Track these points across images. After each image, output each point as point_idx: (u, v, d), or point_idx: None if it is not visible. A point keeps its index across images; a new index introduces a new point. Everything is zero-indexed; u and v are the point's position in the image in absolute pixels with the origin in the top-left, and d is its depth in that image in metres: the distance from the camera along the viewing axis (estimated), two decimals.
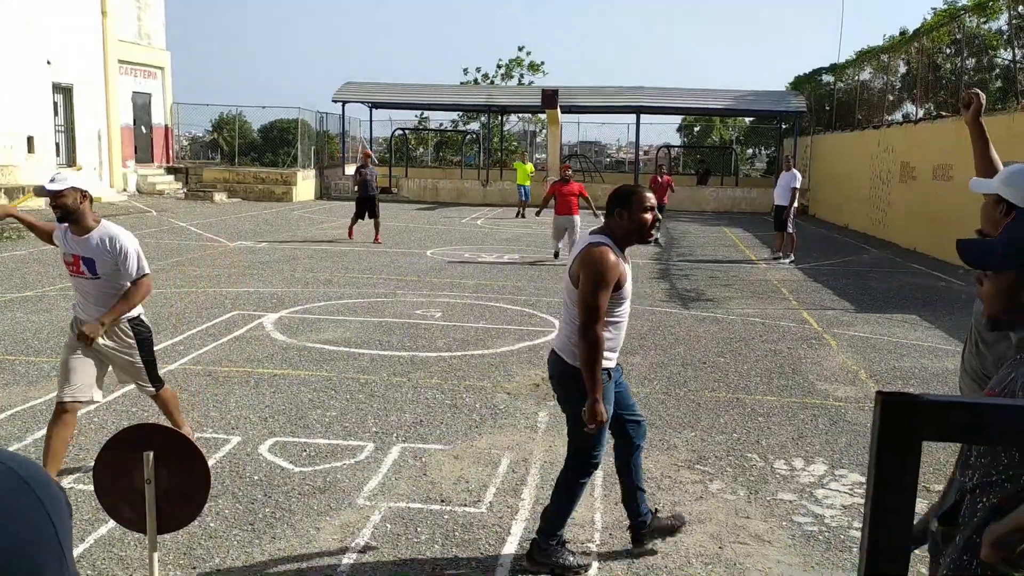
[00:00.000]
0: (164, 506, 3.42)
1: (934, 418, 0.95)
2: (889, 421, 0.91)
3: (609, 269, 3.71)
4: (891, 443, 0.90)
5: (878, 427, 0.90)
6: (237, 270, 12.73)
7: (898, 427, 0.91)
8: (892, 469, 0.91)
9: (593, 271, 3.70)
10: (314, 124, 33.42)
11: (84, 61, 24.70)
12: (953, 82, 19.94)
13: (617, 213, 3.84)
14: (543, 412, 6.35)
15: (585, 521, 4.54)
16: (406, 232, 19.50)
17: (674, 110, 35.04)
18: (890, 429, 0.91)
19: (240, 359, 7.57)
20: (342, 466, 5.17)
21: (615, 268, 3.73)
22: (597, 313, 3.69)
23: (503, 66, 45.11)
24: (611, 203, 3.88)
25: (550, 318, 9.77)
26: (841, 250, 18.51)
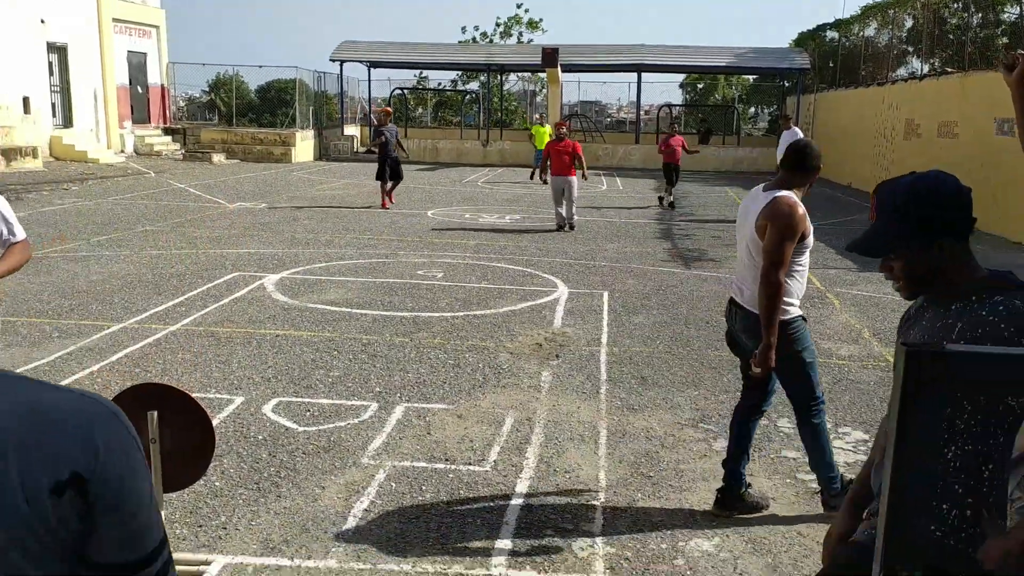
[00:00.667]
0: (169, 465, 3.41)
1: (960, 370, 0.92)
2: (914, 373, 0.88)
3: (799, 220, 3.85)
4: (916, 396, 0.87)
5: (902, 380, 0.86)
6: (237, 231, 12.67)
7: (923, 379, 0.88)
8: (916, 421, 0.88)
9: (784, 222, 3.82)
10: (312, 84, 33.08)
11: (78, 19, 24.40)
12: (959, 38, 19.69)
13: (800, 167, 4.00)
14: (546, 372, 6.34)
15: (589, 479, 4.54)
16: (406, 192, 19.38)
17: (676, 68, 34.66)
18: (915, 381, 0.88)
19: (242, 320, 7.55)
20: (346, 426, 5.17)
21: (804, 219, 3.88)
22: (782, 261, 3.81)
23: (502, 24, 44.62)
24: (791, 158, 4.03)
25: (552, 278, 9.74)
26: (844, 209, 18.42)
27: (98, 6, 25.24)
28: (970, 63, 17.56)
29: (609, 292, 9.10)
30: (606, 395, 5.88)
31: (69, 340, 6.77)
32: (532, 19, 44.70)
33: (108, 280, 8.95)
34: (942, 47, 20.87)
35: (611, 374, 6.34)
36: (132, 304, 8.01)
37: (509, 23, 44.50)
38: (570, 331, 7.50)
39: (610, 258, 11.28)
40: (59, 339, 6.80)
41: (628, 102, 41.25)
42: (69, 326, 7.20)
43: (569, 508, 4.22)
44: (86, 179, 19.31)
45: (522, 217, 15.46)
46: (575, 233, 13.52)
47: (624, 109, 47.33)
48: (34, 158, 20.86)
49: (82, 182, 18.79)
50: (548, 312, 8.17)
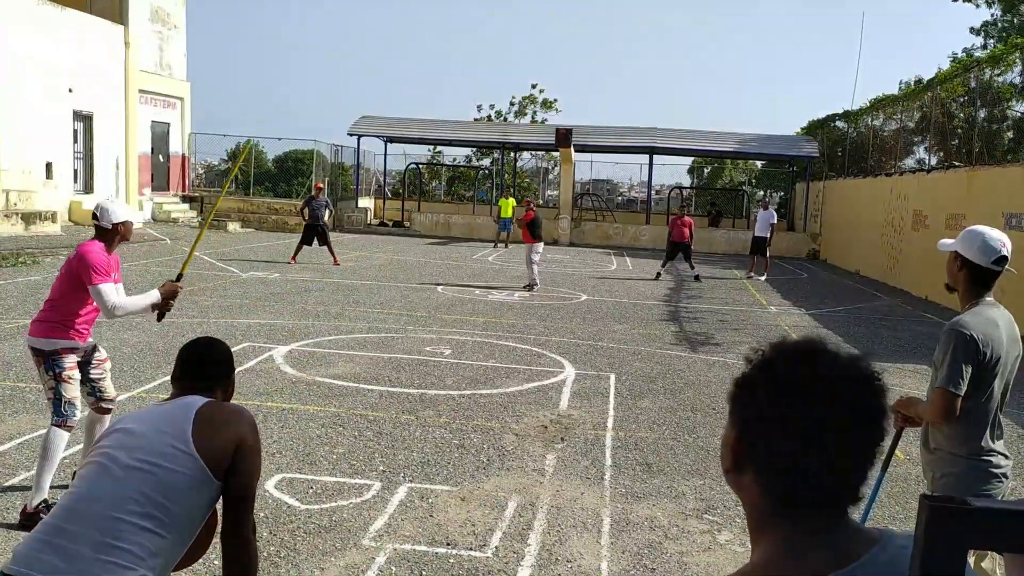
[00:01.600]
0: None
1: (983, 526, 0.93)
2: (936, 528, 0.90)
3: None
4: (938, 550, 0.89)
5: (924, 533, 0.89)
6: (249, 301, 12.78)
7: (945, 534, 0.90)
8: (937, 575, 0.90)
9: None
10: (329, 156, 33.75)
11: (105, 90, 25.08)
12: (966, 132, 20.01)
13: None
14: (551, 455, 6.32)
15: (591, 569, 4.50)
16: (417, 267, 19.56)
17: (688, 151, 35.23)
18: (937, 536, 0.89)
19: (250, 392, 7.57)
20: (348, 505, 5.15)
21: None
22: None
23: (516, 103, 45.57)
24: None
25: (559, 358, 9.76)
26: (852, 297, 18.47)
27: (126, 77, 25.97)
28: (977, 158, 17.81)
29: (616, 374, 9.11)
30: (610, 481, 5.85)
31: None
32: (547, 99, 45.70)
33: (119, 348, 9.00)
34: (949, 140, 21.21)
35: (616, 459, 6.31)
36: (142, 373, 8.06)
37: (524, 102, 45.47)
38: (576, 413, 7.49)
39: (617, 339, 11.31)
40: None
41: (639, 181, 41.80)
42: None
43: None
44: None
45: (531, 295, 15.56)
46: (583, 313, 13.59)
47: (635, 188, 47.94)
48: (53, 222, 21.20)
49: None
50: (555, 393, 8.17)
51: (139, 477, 2.46)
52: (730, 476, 1.25)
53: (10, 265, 15.22)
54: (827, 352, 1.20)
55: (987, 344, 3.23)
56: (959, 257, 3.37)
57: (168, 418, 2.62)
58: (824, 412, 1.14)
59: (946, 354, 3.24)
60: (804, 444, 1.14)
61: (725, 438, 1.26)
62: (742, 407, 1.23)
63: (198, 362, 2.85)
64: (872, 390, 1.18)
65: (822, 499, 1.17)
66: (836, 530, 1.17)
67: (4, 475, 5.35)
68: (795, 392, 1.16)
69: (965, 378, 3.21)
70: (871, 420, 1.17)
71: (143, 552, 2.38)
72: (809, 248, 29.40)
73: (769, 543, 1.19)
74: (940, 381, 3.24)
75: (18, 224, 20.17)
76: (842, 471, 1.16)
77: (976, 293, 3.37)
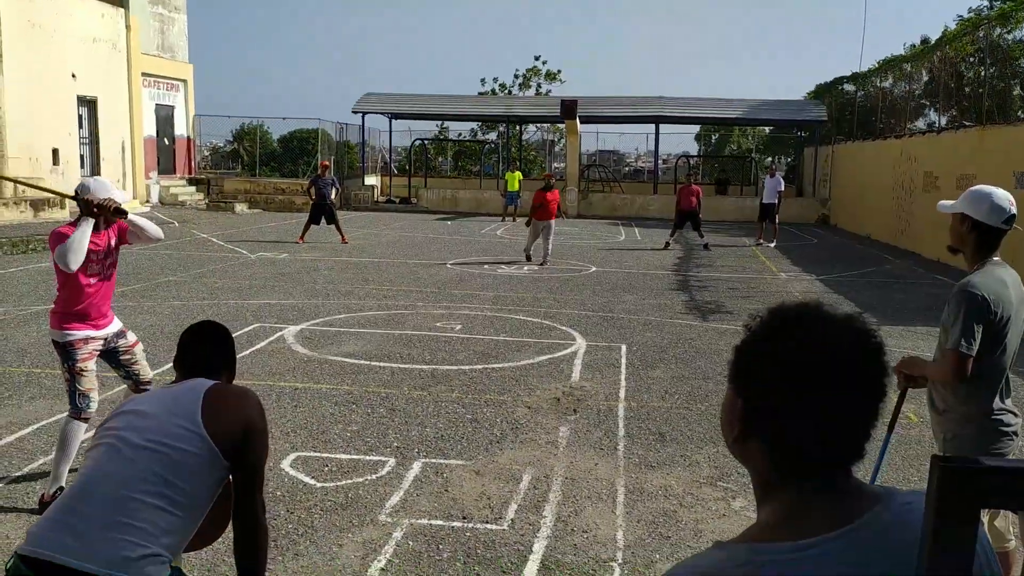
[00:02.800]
0: None
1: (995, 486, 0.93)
2: (948, 489, 0.89)
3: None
4: (950, 511, 0.88)
5: (936, 494, 0.88)
6: (258, 282, 12.81)
7: (958, 495, 0.89)
8: (950, 535, 0.89)
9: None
10: (334, 135, 33.66)
11: (109, 74, 25.02)
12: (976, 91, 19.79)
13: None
14: (564, 427, 6.34)
15: (607, 539, 4.52)
16: (425, 243, 19.54)
17: (694, 120, 34.97)
18: (949, 497, 0.89)
19: (262, 372, 7.61)
20: (364, 482, 5.18)
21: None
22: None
23: (520, 76, 45.30)
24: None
25: (570, 330, 9.76)
26: (863, 261, 18.38)
27: (128, 61, 25.90)
28: (987, 117, 17.62)
29: (627, 345, 9.11)
30: (624, 452, 5.87)
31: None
32: (550, 70, 45.40)
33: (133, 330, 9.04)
34: (959, 100, 20.97)
35: (629, 430, 6.33)
36: (154, 356, 8.08)
37: (528, 75, 45.19)
38: (588, 385, 7.50)
39: (628, 310, 11.30)
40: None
41: (646, 151, 41.60)
42: None
43: (587, 568, 4.19)
44: None
45: (540, 268, 15.54)
46: (593, 284, 13.57)
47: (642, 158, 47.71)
48: (61, 208, 21.24)
49: None
50: (566, 365, 8.18)
51: (150, 457, 2.50)
52: (736, 446, 1.25)
53: (20, 252, 15.28)
54: (824, 313, 1.20)
55: (998, 304, 3.22)
56: (967, 219, 3.34)
57: (177, 400, 2.65)
58: (824, 373, 1.14)
59: (957, 315, 3.23)
60: (806, 407, 1.15)
61: (727, 407, 1.26)
62: (743, 375, 1.22)
63: (200, 347, 2.88)
64: (870, 347, 1.18)
65: (826, 460, 1.17)
66: (841, 489, 1.17)
67: (22, 461, 5.40)
68: (795, 356, 1.16)
69: (977, 338, 3.20)
70: (871, 378, 1.17)
71: (155, 530, 2.41)
72: (819, 213, 29.22)
73: (774, 505, 1.20)
74: (952, 342, 3.23)
75: (27, 211, 20.24)
76: (845, 431, 1.16)
77: (984, 253, 3.35)
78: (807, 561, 1.10)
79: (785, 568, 1.10)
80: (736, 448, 1.25)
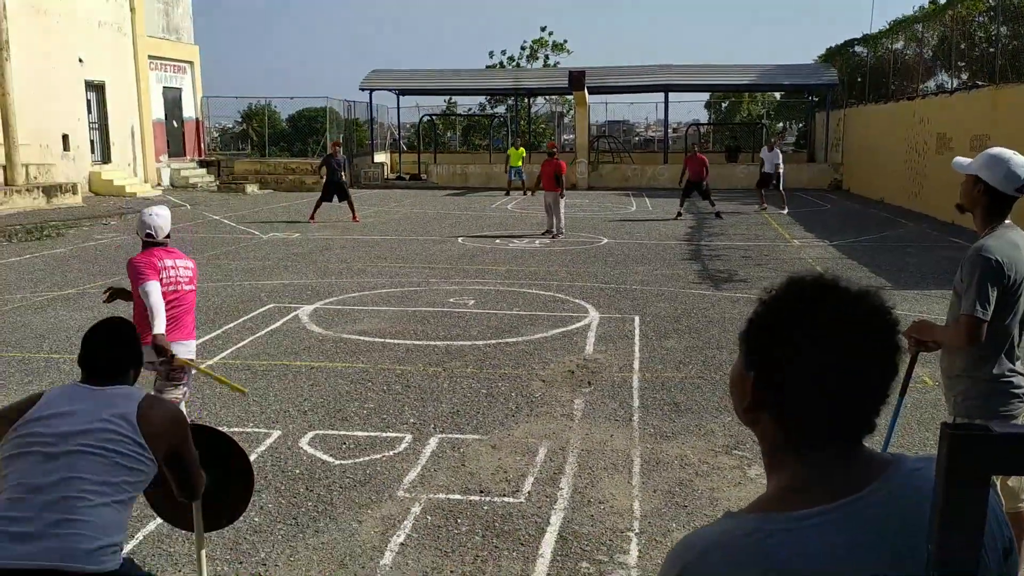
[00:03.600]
0: (209, 505, 3.49)
1: (1006, 452, 0.93)
2: (958, 456, 0.89)
3: None
4: (961, 478, 0.89)
5: (946, 461, 0.88)
6: (271, 262, 12.86)
7: (967, 462, 0.89)
8: (961, 502, 0.90)
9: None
10: (342, 112, 33.58)
11: (115, 58, 25.01)
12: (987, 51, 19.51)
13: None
14: (579, 399, 6.37)
15: (624, 509, 4.55)
16: (436, 219, 19.54)
17: (704, 87, 34.68)
18: (959, 464, 0.89)
19: (278, 352, 7.67)
20: (381, 458, 5.23)
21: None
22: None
23: (527, 48, 44.98)
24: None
25: (583, 303, 9.77)
26: (877, 225, 18.25)
27: (134, 44, 25.87)
28: (1001, 76, 17.38)
29: (640, 316, 9.11)
30: (639, 422, 5.89)
31: None
32: (557, 41, 45.08)
33: None
34: (971, 61, 20.69)
35: (644, 401, 6.35)
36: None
37: (535, 46, 44.86)
38: (602, 357, 7.52)
39: (640, 281, 11.29)
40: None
41: (656, 120, 41.26)
42: None
43: (604, 539, 4.23)
44: (124, 213, 19.72)
45: (552, 241, 15.52)
46: (604, 256, 13.56)
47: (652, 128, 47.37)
48: (74, 194, 21.35)
49: (120, 216, 19.18)
50: (580, 338, 8.20)
51: (89, 459, 2.63)
52: (746, 415, 1.25)
53: (35, 239, 15.39)
54: (839, 287, 1.20)
55: (1011, 267, 3.21)
56: (980, 181, 3.31)
57: (113, 404, 2.76)
58: (837, 348, 1.14)
59: (972, 279, 3.21)
60: (819, 380, 1.15)
61: (737, 376, 1.26)
62: (757, 345, 1.22)
63: (111, 350, 2.91)
64: (885, 324, 1.18)
65: (836, 432, 1.18)
66: (850, 459, 1.18)
67: None
68: (809, 328, 1.16)
69: (992, 303, 3.19)
70: (884, 354, 1.17)
71: (103, 523, 2.58)
72: (831, 179, 29.00)
73: (784, 474, 1.21)
74: (966, 307, 3.22)
75: (40, 198, 20.33)
76: (856, 405, 1.17)
77: (995, 218, 3.33)
78: (815, 529, 1.11)
79: (794, 535, 1.11)
80: (746, 416, 1.26)
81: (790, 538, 1.10)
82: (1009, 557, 1.19)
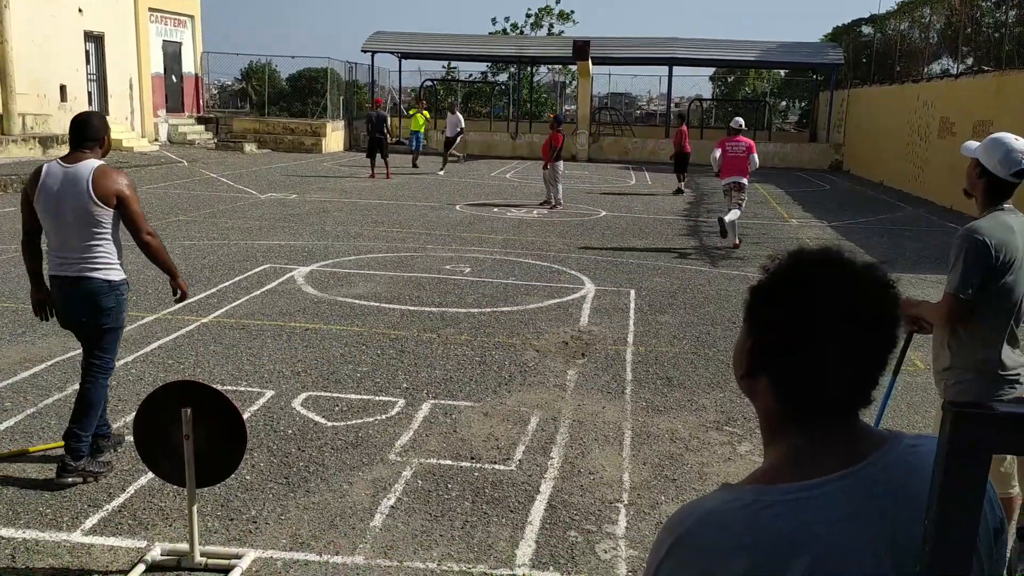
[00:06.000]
0: (202, 461, 3.51)
1: (1008, 431, 0.93)
2: (961, 434, 0.89)
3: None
4: (962, 456, 0.89)
5: (947, 440, 0.88)
6: (268, 222, 12.81)
7: (969, 440, 0.89)
8: (960, 481, 0.90)
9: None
10: (343, 74, 33.27)
11: (115, 9, 24.68)
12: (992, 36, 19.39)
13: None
14: (572, 370, 6.38)
15: (613, 480, 4.58)
16: (435, 185, 19.47)
17: (709, 62, 34.46)
18: (962, 442, 0.89)
19: (273, 312, 7.66)
20: (374, 421, 5.25)
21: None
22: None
23: (532, 15, 44.56)
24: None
25: (579, 275, 9.76)
26: (876, 207, 18.24)
27: None
28: (1007, 62, 17.29)
29: (636, 290, 9.12)
30: (631, 395, 5.92)
31: None
32: (563, 10, 44.66)
33: (142, 271, 9.06)
34: (977, 46, 20.56)
35: (636, 374, 6.37)
36: (166, 295, 8.12)
37: (540, 14, 44.45)
38: (596, 329, 7.53)
39: (637, 255, 11.28)
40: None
41: (658, 94, 41.01)
42: None
43: (593, 509, 4.26)
44: (120, 167, 19.57)
45: (550, 211, 15.48)
46: (602, 229, 13.54)
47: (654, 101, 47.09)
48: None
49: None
50: (575, 310, 8.20)
51: (76, 218, 4.26)
52: (744, 382, 1.26)
53: None
54: (843, 259, 1.20)
55: (1000, 249, 3.17)
56: (979, 165, 3.30)
57: (76, 179, 4.26)
58: (839, 318, 1.14)
59: (957, 258, 3.21)
60: (818, 350, 1.15)
61: (739, 344, 1.26)
62: (758, 313, 1.23)
63: (80, 130, 4.38)
64: (887, 298, 1.18)
65: (834, 404, 1.18)
66: (847, 432, 1.18)
67: (37, 396, 5.48)
68: (811, 298, 1.16)
69: (975, 283, 3.18)
70: (885, 327, 1.17)
71: (102, 252, 4.34)
72: (832, 159, 28.92)
73: (781, 447, 1.21)
74: (949, 286, 3.22)
75: (36, 148, 20.18)
76: (854, 377, 1.17)
77: (993, 202, 3.31)
78: (812, 501, 1.11)
79: (790, 507, 1.11)
80: (745, 384, 1.26)
81: (787, 509, 1.11)
82: (999, 537, 1.20)
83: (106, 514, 4.03)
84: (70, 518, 3.99)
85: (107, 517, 4.01)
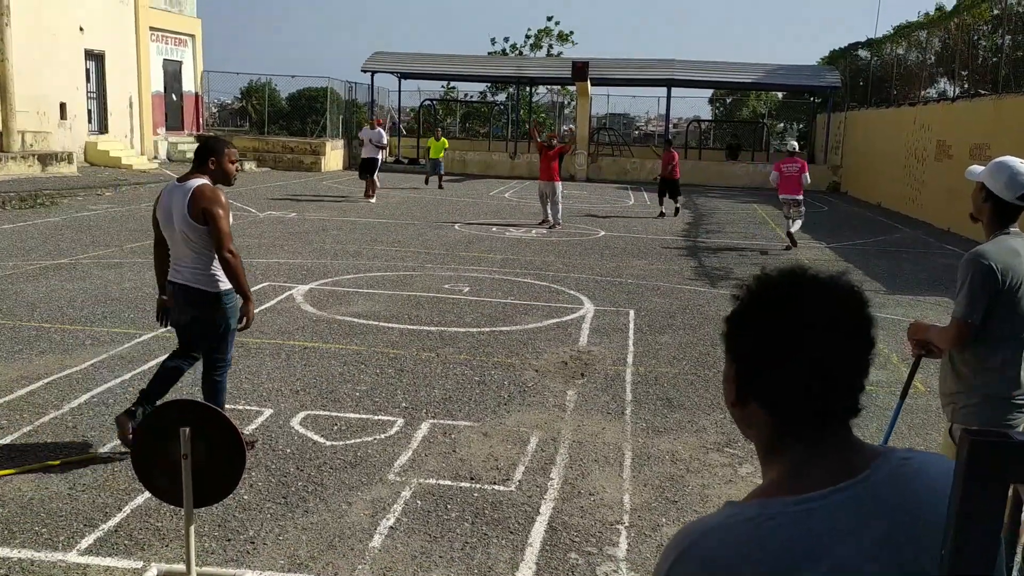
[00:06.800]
0: (200, 480, 3.48)
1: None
2: (976, 463, 0.88)
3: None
4: (978, 485, 0.88)
5: (964, 468, 0.87)
6: (267, 241, 12.81)
7: (986, 469, 0.88)
8: (978, 511, 0.89)
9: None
10: (343, 93, 33.39)
11: (116, 28, 24.80)
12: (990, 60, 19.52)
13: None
14: (571, 391, 6.36)
15: (614, 502, 4.55)
16: (434, 204, 19.50)
17: (707, 83, 34.60)
18: (977, 471, 0.88)
19: (271, 331, 7.63)
20: (372, 441, 5.22)
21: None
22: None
23: (532, 36, 44.81)
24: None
25: (578, 294, 9.75)
26: (873, 229, 18.28)
27: (136, 15, 25.66)
28: (1003, 85, 17.40)
29: (635, 310, 9.10)
30: (631, 416, 5.89)
31: (102, 348, 6.88)
32: (563, 32, 44.90)
33: (141, 288, 9.07)
34: (974, 69, 20.70)
35: (636, 395, 6.35)
36: None
37: (539, 35, 44.70)
38: (596, 349, 7.52)
39: (636, 275, 11.28)
40: (92, 347, 6.92)
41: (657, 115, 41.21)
42: (102, 334, 7.31)
43: (593, 531, 4.23)
44: (119, 185, 19.61)
45: (548, 231, 15.50)
46: (601, 249, 13.55)
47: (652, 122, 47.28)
48: (69, 163, 21.20)
49: (116, 188, 19.08)
50: (574, 329, 8.19)
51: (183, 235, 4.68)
52: (735, 409, 1.28)
53: (29, 207, 15.29)
54: (808, 273, 1.24)
55: (1007, 273, 3.17)
56: (984, 189, 3.29)
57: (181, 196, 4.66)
58: (821, 329, 1.17)
59: (964, 283, 3.20)
60: (803, 363, 1.18)
61: (725, 374, 1.29)
62: (734, 340, 1.26)
63: (196, 152, 4.84)
64: (855, 302, 1.21)
65: (826, 415, 1.20)
66: (840, 446, 1.21)
67: (33, 415, 5.45)
68: (782, 313, 1.20)
69: (981, 307, 3.18)
70: (859, 330, 1.20)
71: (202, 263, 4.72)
72: (830, 181, 29.02)
73: (778, 465, 1.24)
74: (956, 310, 3.22)
75: (35, 166, 20.20)
76: (837, 383, 1.19)
77: (999, 226, 3.30)
78: (811, 514, 1.13)
79: (793, 519, 1.13)
80: (736, 412, 1.28)
81: (791, 520, 1.13)
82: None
83: (102, 534, 3.99)
84: (66, 538, 3.95)
85: (103, 537, 3.97)
